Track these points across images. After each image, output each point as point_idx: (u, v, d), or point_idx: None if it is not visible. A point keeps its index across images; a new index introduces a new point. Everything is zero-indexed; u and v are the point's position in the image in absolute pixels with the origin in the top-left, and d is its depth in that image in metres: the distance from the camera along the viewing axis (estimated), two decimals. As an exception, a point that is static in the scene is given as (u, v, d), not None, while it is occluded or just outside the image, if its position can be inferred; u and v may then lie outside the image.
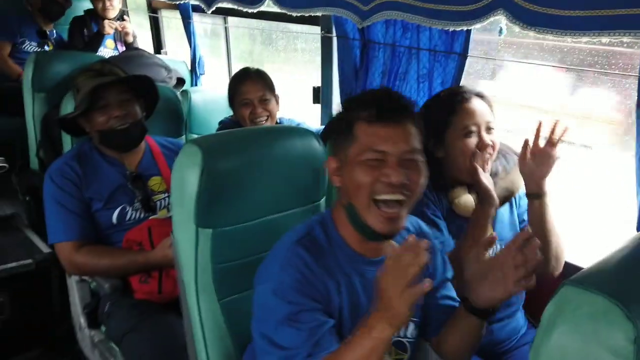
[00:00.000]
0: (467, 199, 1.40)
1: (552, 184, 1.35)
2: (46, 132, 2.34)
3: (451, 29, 1.48)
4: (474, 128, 1.35)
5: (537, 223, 1.35)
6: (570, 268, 1.44)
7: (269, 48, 3.16)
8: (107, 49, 3.19)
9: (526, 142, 1.32)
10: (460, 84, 1.63)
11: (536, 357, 0.60)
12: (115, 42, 3.26)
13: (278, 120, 2.08)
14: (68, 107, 1.88)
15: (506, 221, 1.48)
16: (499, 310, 1.22)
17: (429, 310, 1.15)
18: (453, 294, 1.19)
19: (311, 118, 2.30)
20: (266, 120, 1.98)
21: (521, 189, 1.44)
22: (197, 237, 1.17)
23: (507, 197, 1.45)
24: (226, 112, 2.16)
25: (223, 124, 2.12)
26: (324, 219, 1.08)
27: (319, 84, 2.26)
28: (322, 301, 0.99)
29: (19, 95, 2.65)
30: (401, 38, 1.76)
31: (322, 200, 1.40)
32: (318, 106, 2.30)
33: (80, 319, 1.85)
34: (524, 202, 1.45)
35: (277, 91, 2.05)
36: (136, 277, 1.63)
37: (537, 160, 1.30)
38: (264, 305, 1.00)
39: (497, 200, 1.36)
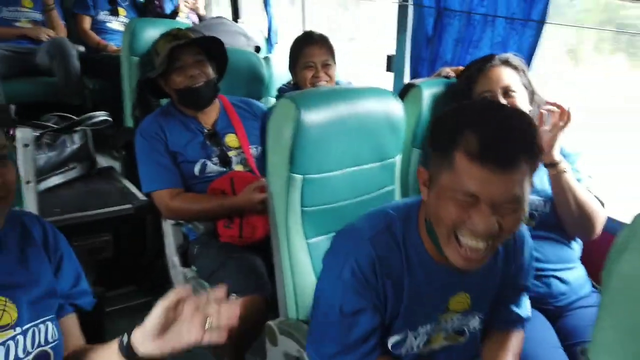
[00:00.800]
0: None
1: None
2: (141, 93, 2.58)
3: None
4: (488, 95, 1.44)
5: (559, 191, 1.42)
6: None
7: (345, 15, 3.25)
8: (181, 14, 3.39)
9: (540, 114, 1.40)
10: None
11: (608, 276, 0.65)
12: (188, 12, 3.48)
13: (338, 83, 2.15)
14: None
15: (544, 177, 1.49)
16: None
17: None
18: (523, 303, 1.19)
19: (384, 86, 2.38)
20: (326, 84, 2.06)
21: None
22: (289, 182, 1.32)
23: None
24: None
25: (281, 90, 2.21)
26: (409, 215, 1.03)
27: (392, 52, 2.34)
28: (379, 302, 1.00)
29: (112, 62, 2.94)
30: (477, 6, 1.82)
31: (397, 157, 1.53)
32: (391, 74, 2.38)
33: (173, 259, 2.09)
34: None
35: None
36: (221, 223, 1.83)
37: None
38: (323, 293, 1.07)
39: None
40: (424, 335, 1.08)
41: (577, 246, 1.56)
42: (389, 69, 2.36)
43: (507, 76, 1.45)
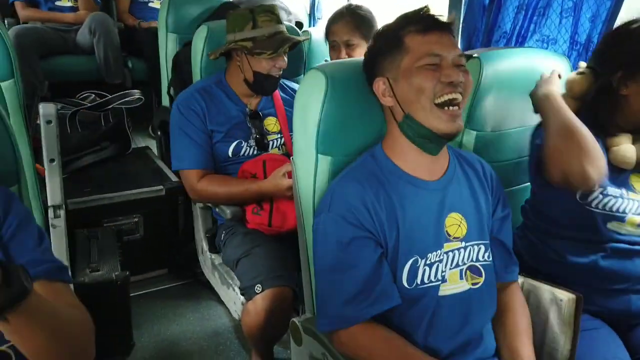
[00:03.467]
0: (629, 149, 1.21)
1: None
2: (177, 70, 2.49)
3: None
4: None
5: None
6: None
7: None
8: None
9: None
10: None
11: None
12: None
13: None
14: (198, 42, 1.97)
15: None
16: None
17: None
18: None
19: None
20: None
21: None
22: (317, 163, 1.17)
23: None
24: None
25: None
26: (374, 151, 1.13)
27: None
28: (374, 229, 1.03)
29: (150, 40, 2.87)
30: (546, -34, 1.58)
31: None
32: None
33: (202, 243, 2.00)
34: None
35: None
36: (250, 208, 1.71)
37: None
38: (320, 234, 1.07)
39: None
40: (437, 266, 1.06)
41: None
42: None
43: None
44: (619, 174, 1.24)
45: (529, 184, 1.41)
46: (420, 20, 1.05)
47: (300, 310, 1.53)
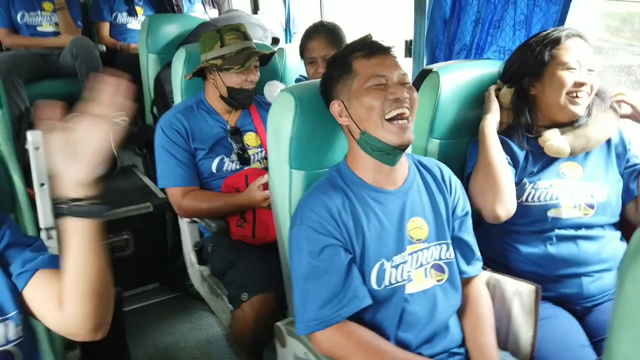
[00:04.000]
0: (560, 141, 1.37)
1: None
2: (158, 90, 2.58)
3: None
4: (575, 65, 1.34)
5: None
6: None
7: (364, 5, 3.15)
8: (196, 14, 3.37)
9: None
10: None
11: (622, 282, 0.58)
12: (204, 5, 3.45)
13: None
14: (177, 64, 2.06)
15: (601, 161, 1.44)
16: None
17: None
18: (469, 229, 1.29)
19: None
20: None
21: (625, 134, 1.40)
22: (291, 177, 1.27)
23: (586, 146, 1.39)
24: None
25: (298, 81, 2.16)
26: (338, 166, 1.23)
27: (410, 37, 2.24)
28: (342, 237, 1.12)
29: (132, 60, 2.97)
30: (497, -17, 1.69)
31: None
32: (409, 60, 2.28)
33: (190, 256, 2.08)
34: (634, 146, 1.41)
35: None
36: (234, 221, 1.79)
37: None
38: (294, 245, 1.16)
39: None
40: (403, 267, 1.15)
41: None
42: (407, 54, 2.26)
43: (590, 52, 1.37)
44: (550, 164, 1.40)
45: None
46: (364, 47, 1.17)
47: (287, 315, 1.62)
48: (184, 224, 2.09)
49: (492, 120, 1.40)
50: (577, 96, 1.35)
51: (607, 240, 1.40)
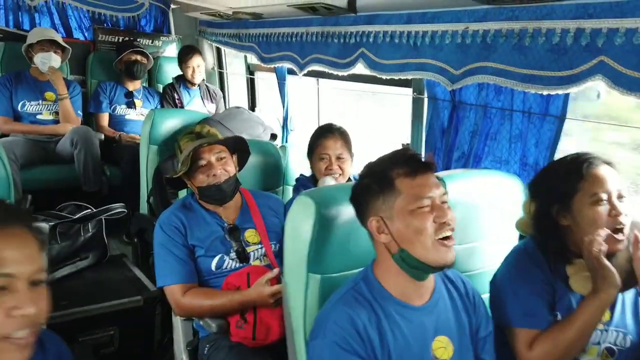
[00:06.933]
0: (587, 277, 1.29)
1: None
2: (158, 181, 2.60)
3: (545, 92, 1.55)
4: (604, 196, 1.27)
5: None
6: None
7: (360, 105, 3.33)
8: (194, 108, 3.50)
9: (636, 237, 1.25)
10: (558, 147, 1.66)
11: None
12: (202, 100, 3.61)
13: (351, 178, 2.15)
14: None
15: (629, 308, 1.37)
16: None
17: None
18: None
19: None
20: (339, 177, 2.07)
21: None
22: (307, 282, 1.27)
23: (631, 280, 1.28)
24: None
25: (299, 182, 2.21)
26: (366, 275, 1.20)
27: (407, 141, 2.36)
28: (366, 354, 1.09)
29: (129, 149, 3.03)
30: (493, 99, 1.84)
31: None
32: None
33: (182, 356, 1.98)
34: None
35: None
36: (234, 321, 1.73)
37: None
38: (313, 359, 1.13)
39: (618, 283, 1.24)
40: None
41: None
42: (404, 158, 2.36)
43: (617, 178, 1.30)
44: (577, 298, 1.34)
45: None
46: (407, 163, 1.15)
47: None
48: (177, 321, 2.00)
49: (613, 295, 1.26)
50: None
51: None
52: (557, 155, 1.66)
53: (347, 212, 1.29)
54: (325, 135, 2.10)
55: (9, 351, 0.80)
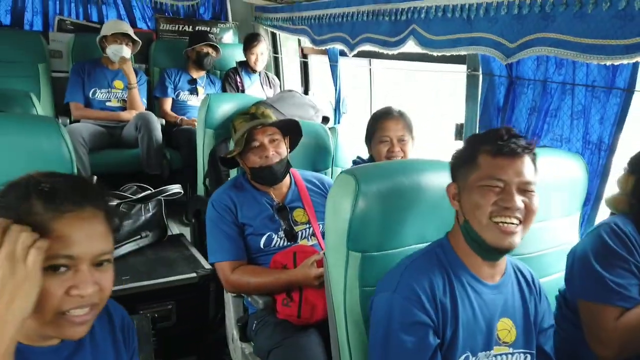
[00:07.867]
0: None
1: None
2: (213, 163, 2.68)
3: (609, 62, 1.42)
4: None
5: None
6: None
7: (413, 85, 3.25)
8: (253, 91, 3.56)
9: None
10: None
11: None
12: (262, 86, 3.66)
13: None
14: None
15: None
16: None
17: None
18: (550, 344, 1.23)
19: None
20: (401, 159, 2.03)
21: None
22: (347, 259, 1.26)
23: None
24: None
25: (355, 163, 2.19)
26: (442, 243, 1.21)
27: (461, 120, 2.27)
28: (436, 318, 1.10)
29: (188, 134, 3.13)
30: (554, 74, 1.72)
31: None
32: (459, 143, 2.30)
33: (233, 332, 2.04)
34: None
35: (418, 127, 2.10)
36: (280, 299, 1.77)
37: None
38: (382, 312, 1.13)
39: None
40: None
41: None
42: (458, 137, 2.28)
43: None
44: None
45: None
46: (494, 142, 1.14)
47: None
48: (228, 297, 2.07)
49: None
50: None
51: None
52: (625, 132, 1.54)
53: (388, 190, 1.26)
54: (386, 117, 2.07)
55: (65, 327, 0.83)
